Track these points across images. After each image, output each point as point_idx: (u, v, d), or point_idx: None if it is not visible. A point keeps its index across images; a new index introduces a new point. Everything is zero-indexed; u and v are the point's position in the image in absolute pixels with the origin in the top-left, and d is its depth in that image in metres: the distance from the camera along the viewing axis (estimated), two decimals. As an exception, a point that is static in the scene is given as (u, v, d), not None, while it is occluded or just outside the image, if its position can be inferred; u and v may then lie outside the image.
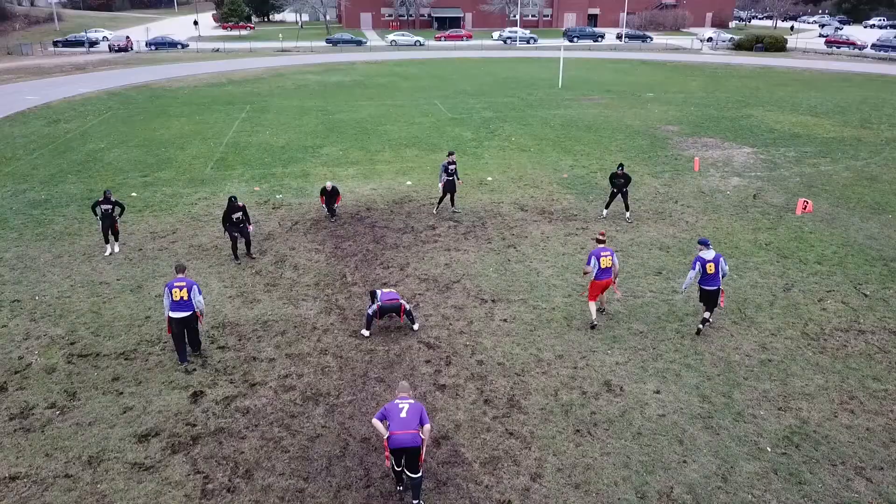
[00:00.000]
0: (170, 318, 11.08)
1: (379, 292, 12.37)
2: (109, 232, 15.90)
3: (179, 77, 48.71)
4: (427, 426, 8.08)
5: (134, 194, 20.56)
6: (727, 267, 12.16)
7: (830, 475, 8.72)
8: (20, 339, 12.24)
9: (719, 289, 11.78)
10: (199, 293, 11.22)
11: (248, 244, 15.76)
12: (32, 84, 44.59)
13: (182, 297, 10.97)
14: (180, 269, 11.51)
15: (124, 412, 10.13)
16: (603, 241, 12.51)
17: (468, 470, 8.89)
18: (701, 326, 12.09)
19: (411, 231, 17.69)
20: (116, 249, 16.05)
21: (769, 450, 9.19)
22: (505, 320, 12.88)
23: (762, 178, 22.58)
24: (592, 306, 12.44)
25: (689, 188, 21.39)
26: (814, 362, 11.36)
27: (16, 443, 9.45)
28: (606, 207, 18.57)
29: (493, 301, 13.67)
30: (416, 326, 12.50)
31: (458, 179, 18.86)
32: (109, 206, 15.62)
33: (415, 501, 8.16)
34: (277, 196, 20.58)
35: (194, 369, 11.26)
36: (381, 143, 27.83)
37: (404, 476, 8.31)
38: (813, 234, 17.29)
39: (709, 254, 11.71)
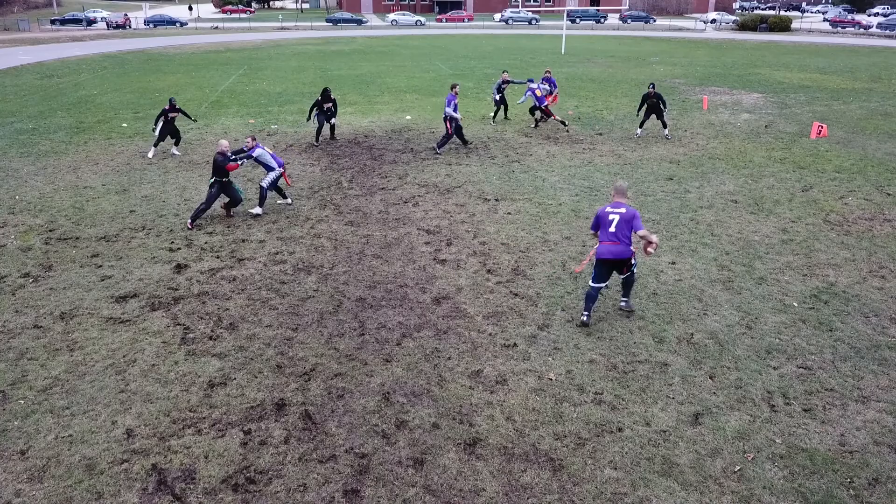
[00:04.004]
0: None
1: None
2: (167, 136, 16.09)
3: (177, 46, 48.06)
4: (641, 231, 7.59)
5: (125, 125, 19.91)
6: (546, 87, 18.63)
7: (863, 324, 8.02)
8: (-4, 227, 11.57)
9: (546, 107, 18.32)
10: (454, 109, 16.02)
11: (332, 129, 17.82)
12: (27, 48, 43.96)
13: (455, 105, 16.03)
14: None
15: (102, 280, 9.46)
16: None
17: (471, 321, 8.20)
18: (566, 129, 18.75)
19: (410, 151, 17.01)
20: (177, 152, 16.44)
21: (796, 305, 8.50)
22: (509, 213, 12.20)
23: (773, 114, 21.87)
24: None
25: (698, 121, 20.69)
26: (838, 241, 10.67)
27: (-16, 303, 8.78)
28: (641, 126, 18.19)
29: (496, 200, 12.99)
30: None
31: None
32: (177, 114, 15.94)
33: (623, 299, 8.35)
34: (273, 126, 19.90)
35: (178, 248, 10.60)
36: (381, 90, 27.16)
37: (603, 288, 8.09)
38: (829, 152, 16.60)
39: (533, 84, 18.16)
